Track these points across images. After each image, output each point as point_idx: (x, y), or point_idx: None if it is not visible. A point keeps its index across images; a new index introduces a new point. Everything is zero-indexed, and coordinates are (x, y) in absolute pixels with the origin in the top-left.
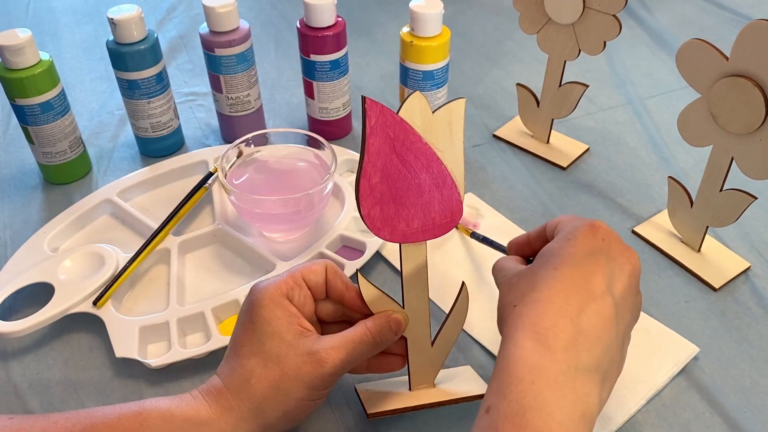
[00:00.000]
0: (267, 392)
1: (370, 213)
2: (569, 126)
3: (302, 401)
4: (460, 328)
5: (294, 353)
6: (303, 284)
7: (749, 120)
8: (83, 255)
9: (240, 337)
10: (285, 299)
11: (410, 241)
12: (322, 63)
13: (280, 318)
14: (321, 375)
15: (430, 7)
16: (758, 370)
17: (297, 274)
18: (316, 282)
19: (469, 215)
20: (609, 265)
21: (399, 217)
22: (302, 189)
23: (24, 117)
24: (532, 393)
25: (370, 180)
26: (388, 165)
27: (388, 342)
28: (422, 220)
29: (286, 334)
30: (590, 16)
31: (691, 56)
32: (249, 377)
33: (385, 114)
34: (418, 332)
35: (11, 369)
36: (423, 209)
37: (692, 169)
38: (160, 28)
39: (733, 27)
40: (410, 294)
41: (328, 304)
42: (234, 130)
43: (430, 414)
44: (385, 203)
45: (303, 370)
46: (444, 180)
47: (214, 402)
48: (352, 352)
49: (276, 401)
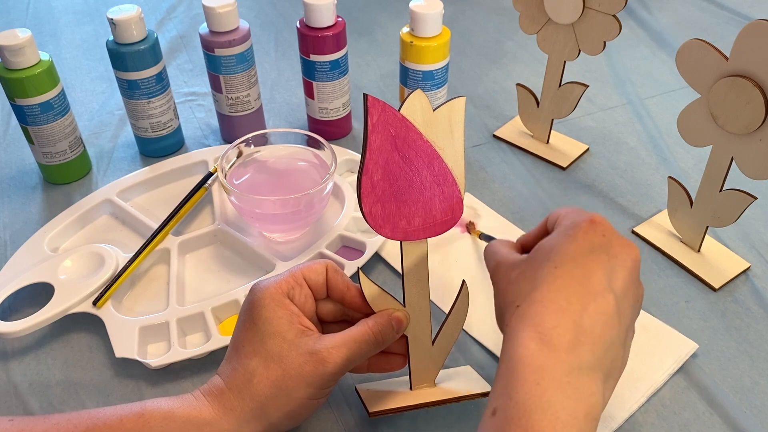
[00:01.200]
0: (269, 392)
1: (372, 211)
2: (569, 126)
3: (304, 400)
4: (461, 327)
5: (296, 352)
6: (304, 283)
7: (749, 120)
8: (83, 255)
9: (241, 337)
10: (286, 298)
11: (411, 239)
12: (322, 63)
13: (281, 317)
14: (323, 374)
15: (430, 7)
16: (758, 370)
17: (297, 273)
18: (317, 281)
19: (467, 215)
20: (610, 263)
21: (400, 215)
22: (302, 189)
23: (24, 117)
24: (537, 394)
25: (372, 177)
26: (389, 162)
27: (390, 340)
28: (423, 217)
29: (287, 333)
30: (590, 16)
31: (691, 56)
32: (251, 377)
33: (387, 111)
34: (419, 330)
35: (11, 369)
36: (424, 207)
37: (692, 169)
38: (160, 28)
39: (733, 27)
40: (411, 292)
41: (329, 304)
42: (234, 130)
43: (431, 414)
44: (387, 201)
45: (305, 369)
46: (445, 178)
47: (216, 402)
48: (354, 350)
49: (278, 400)
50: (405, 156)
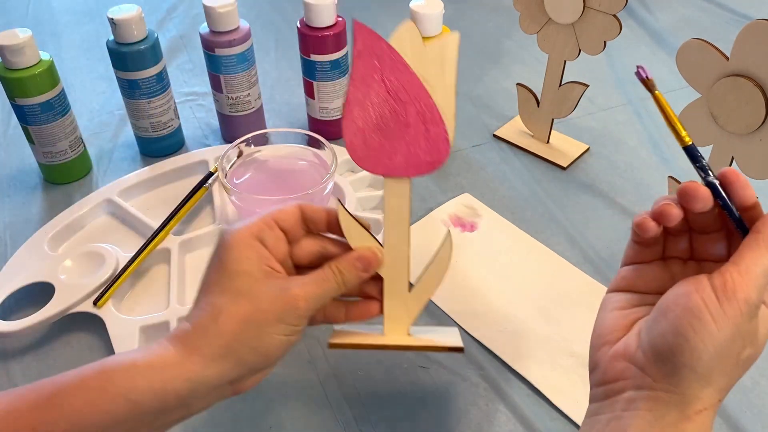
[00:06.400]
0: (237, 327)
1: (353, 141)
2: (569, 126)
3: (275, 336)
4: (441, 277)
5: (266, 288)
6: (275, 226)
7: (749, 120)
8: (83, 255)
9: (208, 278)
10: (255, 241)
11: (393, 175)
12: (322, 63)
13: (250, 258)
14: (295, 309)
15: (430, 7)
16: (758, 370)
17: (267, 216)
18: (289, 222)
19: (466, 215)
20: None
21: (382, 149)
22: (302, 189)
23: (24, 117)
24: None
25: (354, 107)
26: (373, 93)
27: (356, 279)
28: (406, 154)
29: (256, 273)
30: (590, 16)
31: (691, 56)
32: (218, 314)
33: (374, 39)
34: (395, 273)
35: (11, 369)
36: (408, 143)
37: (692, 169)
38: (160, 28)
39: (733, 27)
40: (391, 232)
41: (305, 247)
42: (234, 130)
43: (431, 414)
44: (369, 133)
45: (275, 304)
46: (432, 115)
47: (180, 345)
48: (321, 288)
49: (247, 336)
50: (389, 88)
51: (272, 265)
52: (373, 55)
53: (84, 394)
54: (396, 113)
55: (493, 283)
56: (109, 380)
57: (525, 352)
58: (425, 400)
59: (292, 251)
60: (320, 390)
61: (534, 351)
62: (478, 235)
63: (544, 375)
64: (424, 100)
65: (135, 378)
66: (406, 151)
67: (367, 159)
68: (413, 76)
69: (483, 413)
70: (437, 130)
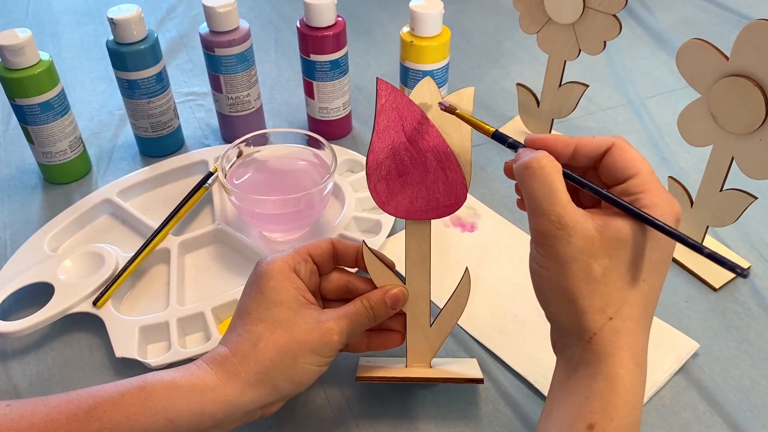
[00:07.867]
0: (274, 356)
1: (377, 187)
2: (569, 126)
3: (308, 366)
4: (461, 312)
5: (303, 320)
6: (309, 259)
7: (749, 120)
8: (83, 255)
9: (247, 305)
10: (292, 272)
11: (414, 218)
12: (322, 63)
13: (287, 288)
14: (329, 342)
15: (430, 7)
16: (758, 370)
17: (302, 249)
18: (321, 256)
19: (465, 215)
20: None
21: (404, 194)
22: (302, 189)
23: (24, 117)
24: (636, 418)
25: (377, 156)
26: (395, 142)
27: (384, 315)
28: (426, 199)
29: (293, 304)
30: (590, 16)
31: (691, 56)
32: (256, 342)
33: (396, 95)
34: (418, 309)
35: (11, 369)
36: (428, 189)
37: (692, 169)
38: (160, 28)
39: (733, 27)
40: (412, 271)
41: (333, 280)
42: (234, 130)
43: (430, 414)
44: (391, 179)
45: (312, 336)
46: (450, 163)
47: (219, 369)
48: (353, 322)
49: (283, 365)
50: (411, 138)
51: (307, 297)
52: (395, 109)
53: (124, 410)
54: (416, 161)
55: (493, 283)
56: (149, 397)
57: (525, 351)
58: (425, 400)
59: (321, 283)
60: (320, 390)
61: (533, 351)
62: (478, 235)
63: (544, 374)
64: (441, 148)
65: (175, 398)
66: (427, 196)
67: (390, 203)
68: (431, 127)
69: (483, 412)
70: (455, 176)
